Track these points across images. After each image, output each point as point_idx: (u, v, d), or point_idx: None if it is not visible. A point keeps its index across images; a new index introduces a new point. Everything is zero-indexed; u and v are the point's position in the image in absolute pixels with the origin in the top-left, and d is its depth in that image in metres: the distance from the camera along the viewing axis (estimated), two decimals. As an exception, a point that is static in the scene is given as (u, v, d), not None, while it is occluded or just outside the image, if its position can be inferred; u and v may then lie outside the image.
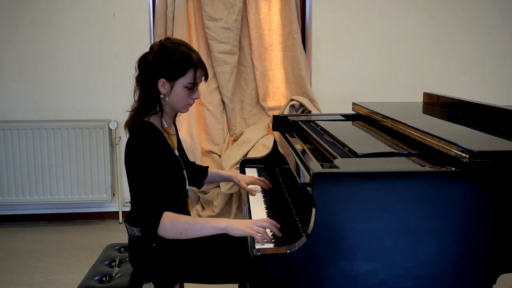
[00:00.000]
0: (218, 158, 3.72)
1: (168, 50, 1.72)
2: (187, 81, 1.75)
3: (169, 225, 1.63)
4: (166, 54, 1.72)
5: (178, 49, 1.73)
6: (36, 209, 3.77)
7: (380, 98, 3.78)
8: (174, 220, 1.64)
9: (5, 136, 3.56)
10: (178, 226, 1.63)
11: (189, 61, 1.73)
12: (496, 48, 3.98)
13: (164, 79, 1.73)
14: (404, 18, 3.88)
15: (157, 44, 1.75)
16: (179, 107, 1.81)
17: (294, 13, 3.73)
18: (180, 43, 1.77)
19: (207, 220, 1.68)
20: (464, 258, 1.44)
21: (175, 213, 1.67)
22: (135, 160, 1.68)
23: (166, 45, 1.74)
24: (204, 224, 1.65)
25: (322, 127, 2.09)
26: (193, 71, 1.75)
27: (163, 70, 1.72)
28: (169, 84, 1.74)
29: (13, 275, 2.93)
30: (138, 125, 1.72)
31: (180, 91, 1.75)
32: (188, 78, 1.75)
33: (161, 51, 1.73)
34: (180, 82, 1.74)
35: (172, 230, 1.63)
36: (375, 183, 1.39)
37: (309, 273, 1.41)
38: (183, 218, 1.67)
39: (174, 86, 1.74)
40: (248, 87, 3.89)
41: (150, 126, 1.73)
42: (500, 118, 1.88)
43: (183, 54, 1.73)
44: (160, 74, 1.72)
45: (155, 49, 1.74)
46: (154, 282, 1.75)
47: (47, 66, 3.66)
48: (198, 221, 1.66)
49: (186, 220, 1.65)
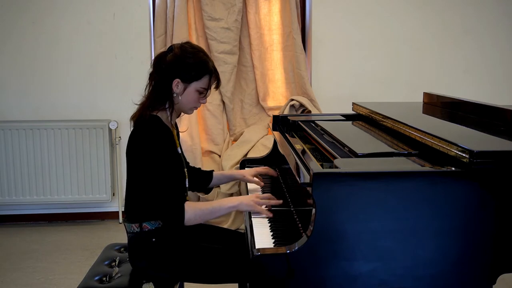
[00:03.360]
0: (218, 158, 3.72)
1: (188, 54, 1.80)
2: (201, 85, 1.82)
3: (193, 215, 1.71)
4: (185, 57, 1.79)
5: (197, 54, 1.81)
6: (36, 209, 3.77)
7: (380, 98, 3.78)
8: (196, 209, 1.73)
9: (5, 136, 3.56)
10: (200, 213, 1.73)
11: (205, 67, 1.81)
12: (497, 48, 3.98)
13: (179, 80, 1.79)
14: (404, 18, 3.88)
15: (178, 46, 1.82)
16: (186, 108, 1.87)
17: (294, 13, 3.73)
18: (199, 49, 1.84)
19: (222, 202, 1.78)
20: (464, 258, 1.44)
21: (192, 202, 1.76)
22: (144, 153, 1.73)
23: (187, 48, 1.81)
24: (220, 206, 1.76)
25: (322, 127, 2.09)
26: (208, 77, 1.83)
27: (181, 71, 1.79)
28: (183, 85, 1.80)
29: (13, 275, 2.93)
30: (147, 118, 1.77)
31: (192, 94, 1.82)
32: (202, 83, 1.82)
33: (182, 53, 1.80)
34: (194, 86, 1.81)
35: (196, 218, 1.73)
36: (375, 183, 1.40)
37: (309, 273, 1.41)
38: (202, 205, 1.77)
39: (188, 88, 1.81)
40: (248, 87, 3.89)
41: (158, 120, 1.80)
42: (500, 118, 1.88)
43: (201, 60, 1.81)
44: (176, 74, 1.79)
45: (176, 51, 1.80)
46: (154, 281, 1.75)
47: (47, 66, 3.66)
48: (215, 204, 1.77)
49: (206, 207, 1.76)
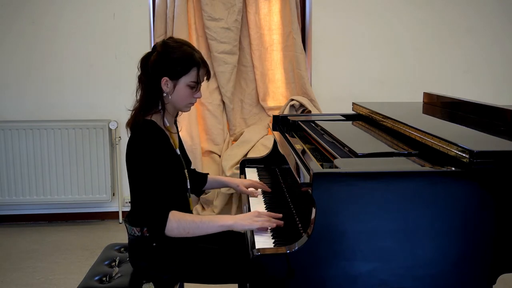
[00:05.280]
0: (218, 158, 3.72)
1: (171, 49, 1.74)
2: (190, 79, 1.75)
3: (176, 224, 1.62)
4: (169, 53, 1.73)
5: (181, 48, 1.75)
6: (36, 209, 3.77)
7: (380, 98, 3.78)
8: (181, 220, 1.63)
9: (5, 136, 3.56)
10: (185, 225, 1.63)
11: (192, 60, 1.75)
12: (497, 48, 3.97)
13: (167, 78, 1.74)
14: (404, 18, 3.87)
15: (160, 44, 1.77)
16: (182, 106, 1.82)
17: (294, 13, 3.73)
18: (183, 42, 1.78)
19: (213, 219, 1.67)
20: (464, 258, 1.44)
21: (180, 212, 1.66)
22: (138, 159, 1.68)
23: (169, 44, 1.76)
24: (210, 223, 1.65)
25: (322, 127, 2.09)
26: (196, 69, 1.76)
27: (166, 68, 1.73)
28: (172, 82, 1.75)
29: (13, 275, 2.93)
30: (140, 123, 1.72)
31: (183, 90, 1.76)
32: (191, 77, 1.75)
33: (164, 49, 1.74)
34: (183, 81, 1.75)
35: (179, 230, 1.63)
36: (375, 183, 1.39)
37: (309, 273, 1.41)
38: (190, 217, 1.67)
39: (177, 85, 1.75)
40: (248, 87, 3.89)
41: (153, 125, 1.74)
42: (500, 118, 1.88)
43: (186, 53, 1.74)
44: (163, 73, 1.73)
45: (158, 48, 1.75)
46: (154, 282, 1.75)
47: (47, 66, 3.66)
48: (204, 219, 1.66)
49: (192, 219, 1.65)
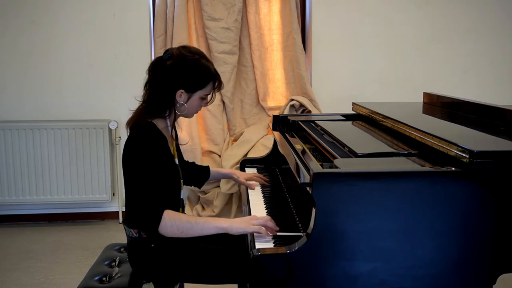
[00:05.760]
0: (218, 158, 3.72)
1: (189, 62, 1.73)
2: (205, 93, 1.78)
3: (170, 223, 1.62)
4: (187, 66, 1.72)
5: (199, 61, 1.75)
6: (36, 209, 3.77)
7: (380, 98, 3.78)
8: (176, 219, 1.63)
9: (5, 136, 3.56)
10: (179, 224, 1.63)
11: (209, 74, 1.76)
12: (498, 48, 3.97)
13: (183, 90, 1.74)
14: (404, 18, 3.87)
15: (176, 54, 1.74)
16: (189, 114, 1.83)
17: (294, 13, 3.72)
18: (199, 54, 1.78)
19: (208, 220, 1.67)
20: (464, 258, 1.44)
21: (176, 212, 1.66)
22: (135, 159, 1.68)
23: (186, 56, 1.74)
24: (206, 224, 1.65)
25: (322, 127, 2.09)
26: (212, 84, 1.79)
27: (184, 82, 1.73)
28: (187, 95, 1.76)
29: (13, 275, 2.92)
30: (142, 124, 1.71)
31: (196, 102, 1.79)
32: (207, 90, 1.79)
33: (182, 62, 1.73)
34: (198, 94, 1.77)
35: (173, 229, 1.62)
36: (375, 183, 1.39)
37: (309, 273, 1.41)
38: (185, 217, 1.67)
39: (192, 97, 1.77)
40: (248, 87, 3.89)
41: (154, 128, 1.73)
42: (500, 118, 1.88)
43: (203, 67, 1.75)
44: (179, 85, 1.73)
45: (175, 60, 1.73)
46: (154, 282, 1.75)
47: (47, 66, 3.66)
48: (200, 220, 1.66)
49: (187, 219, 1.65)
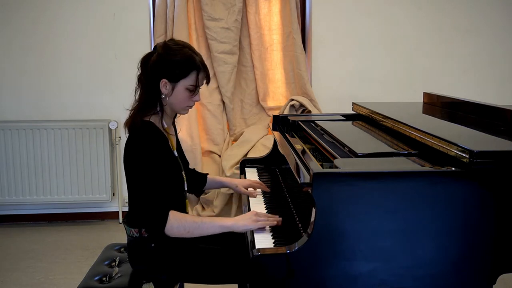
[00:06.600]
0: (218, 158, 3.72)
1: (172, 51, 1.73)
2: (189, 83, 1.75)
3: (177, 224, 1.64)
4: (169, 55, 1.73)
5: (181, 50, 1.74)
6: (36, 209, 3.77)
7: (380, 98, 3.79)
8: (181, 219, 1.65)
9: (5, 136, 3.56)
10: (185, 224, 1.65)
11: (192, 63, 1.74)
12: (498, 48, 3.97)
13: (166, 80, 1.73)
14: (404, 18, 3.87)
15: (161, 45, 1.76)
16: (179, 109, 1.82)
17: (294, 13, 3.72)
18: (184, 45, 1.78)
19: (214, 220, 1.70)
20: (464, 258, 1.44)
21: (181, 213, 1.68)
22: (136, 160, 1.69)
23: (170, 46, 1.75)
24: (211, 223, 1.67)
25: (322, 127, 2.09)
26: (195, 73, 1.76)
27: (166, 70, 1.73)
28: (170, 85, 1.74)
29: (13, 275, 2.92)
30: (138, 124, 1.72)
31: (182, 93, 1.76)
32: (190, 80, 1.75)
33: (165, 51, 1.74)
34: (182, 84, 1.75)
35: (179, 229, 1.65)
36: (375, 183, 1.39)
37: (309, 273, 1.41)
38: (190, 217, 1.69)
39: (176, 87, 1.75)
40: (248, 87, 3.89)
41: (151, 126, 1.74)
42: (500, 118, 1.88)
43: (186, 56, 1.74)
44: (162, 75, 1.73)
45: (159, 50, 1.75)
46: (154, 282, 1.75)
47: (47, 66, 3.66)
48: (205, 220, 1.69)
49: (193, 220, 1.68)
